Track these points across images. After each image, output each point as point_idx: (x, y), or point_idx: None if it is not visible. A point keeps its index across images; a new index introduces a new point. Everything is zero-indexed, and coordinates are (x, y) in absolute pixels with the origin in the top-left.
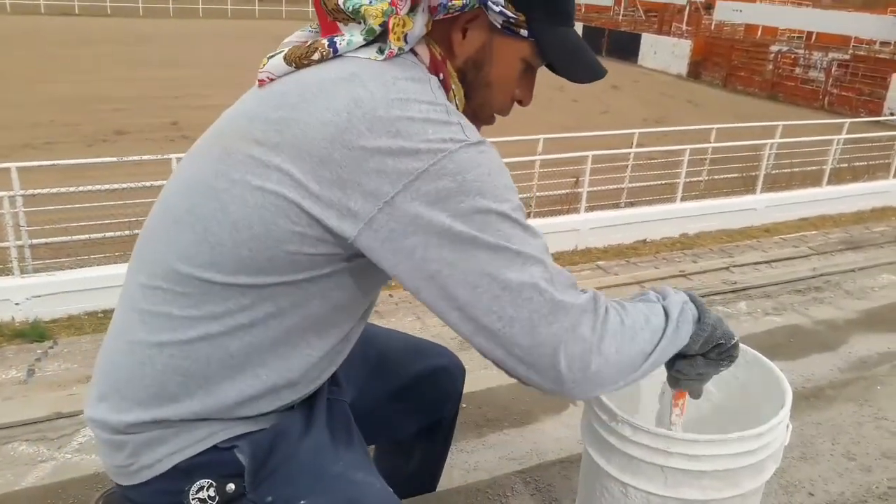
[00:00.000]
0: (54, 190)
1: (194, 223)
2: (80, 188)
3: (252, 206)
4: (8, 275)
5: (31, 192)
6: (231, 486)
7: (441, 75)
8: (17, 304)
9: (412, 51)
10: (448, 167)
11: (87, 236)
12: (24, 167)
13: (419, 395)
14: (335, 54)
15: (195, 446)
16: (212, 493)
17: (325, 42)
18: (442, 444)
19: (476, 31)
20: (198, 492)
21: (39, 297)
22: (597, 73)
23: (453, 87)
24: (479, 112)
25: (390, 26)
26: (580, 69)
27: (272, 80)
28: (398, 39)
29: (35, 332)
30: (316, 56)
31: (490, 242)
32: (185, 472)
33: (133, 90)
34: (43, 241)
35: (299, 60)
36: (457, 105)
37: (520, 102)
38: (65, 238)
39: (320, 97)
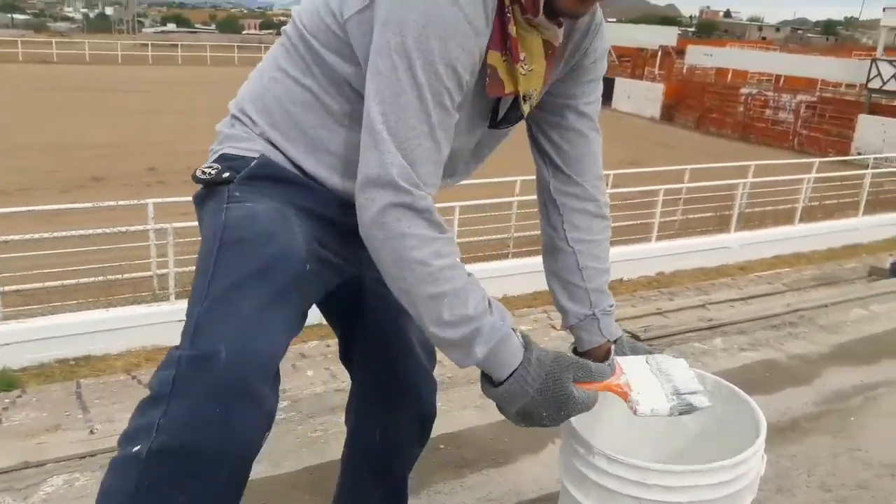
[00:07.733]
0: (27, 236)
1: None
2: (54, 234)
3: None
4: None
5: (3, 238)
6: (226, 175)
7: None
8: None
9: None
10: None
11: (60, 283)
12: None
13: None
14: None
15: (236, 148)
16: (213, 171)
17: None
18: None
19: None
20: (209, 166)
21: (9, 344)
22: None
23: None
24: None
25: None
26: None
27: None
28: None
29: (3, 382)
30: None
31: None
32: (221, 158)
33: (111, 137)
34: (14, 287)
35: None
36: None
37: None
38: (37, 285)
39: None
